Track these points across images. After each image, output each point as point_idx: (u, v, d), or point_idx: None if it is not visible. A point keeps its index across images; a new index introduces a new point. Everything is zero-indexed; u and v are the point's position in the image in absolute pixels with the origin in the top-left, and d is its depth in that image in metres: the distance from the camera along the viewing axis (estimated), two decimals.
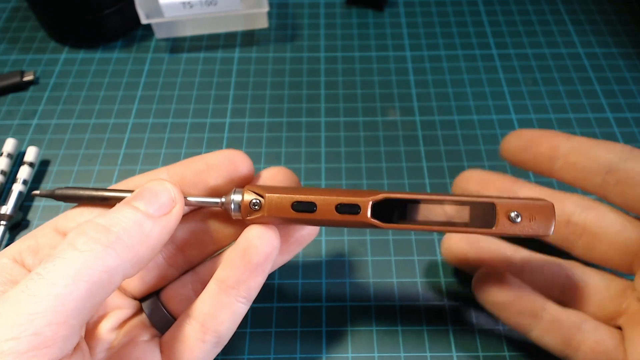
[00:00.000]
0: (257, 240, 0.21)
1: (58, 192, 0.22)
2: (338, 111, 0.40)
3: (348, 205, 0.21)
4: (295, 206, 0.21)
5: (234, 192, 0.22)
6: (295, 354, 0.28)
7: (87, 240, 0.17)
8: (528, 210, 0.21)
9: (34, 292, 0.16)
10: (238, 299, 0.21)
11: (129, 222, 0.19)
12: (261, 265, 0.21)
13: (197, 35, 0.45)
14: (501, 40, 0.45)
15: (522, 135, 0.27)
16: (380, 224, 0.21)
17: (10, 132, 0.39)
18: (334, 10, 0.48)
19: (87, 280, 0.17)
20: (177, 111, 0.40)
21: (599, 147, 0.24)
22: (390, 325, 0.29)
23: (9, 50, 0.44)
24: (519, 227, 0.21)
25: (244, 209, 0.21)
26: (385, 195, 0.21)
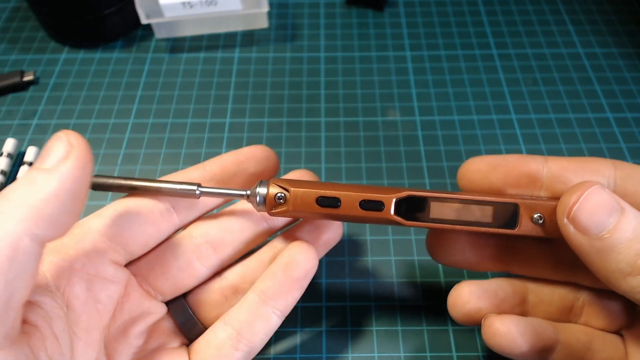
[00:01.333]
0: (300, 256, 0.22)
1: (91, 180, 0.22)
2: (338, 111, 0.40)
3: (372, 201, 0.21)
4: (320, 201, 0.21)
5: (259, 185, 0.22)
6: (295, 354, 0.28)
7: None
8: (551, 212, 0.21)
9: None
10: (275, 311, 0.22)
11: (20, 182, 0.17)
12: (301, 281, 0.22)
13: (197, 35, 0.45)
14: (501, 40, 0.45)
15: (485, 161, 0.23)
16: (403, 221, 0.21)
17: (10, 132, 0.39)
18: (334, 10, 0.48)
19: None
20: (177, 111, 0.40)
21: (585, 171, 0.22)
22: (390, 325, 0.29)
23: (9, 50, 0.44)
24: (541, 229, 0.21)
25: (269, 202, 0.22)
26: (409, 192, 0.21)
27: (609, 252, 0.18)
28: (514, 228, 0.21)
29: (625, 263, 0.18)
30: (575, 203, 0.19)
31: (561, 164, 0.22)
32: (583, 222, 0.19)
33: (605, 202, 0.19)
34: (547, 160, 0.22)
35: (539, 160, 0.22)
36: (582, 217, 0.19)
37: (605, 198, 0.19)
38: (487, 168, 0.23)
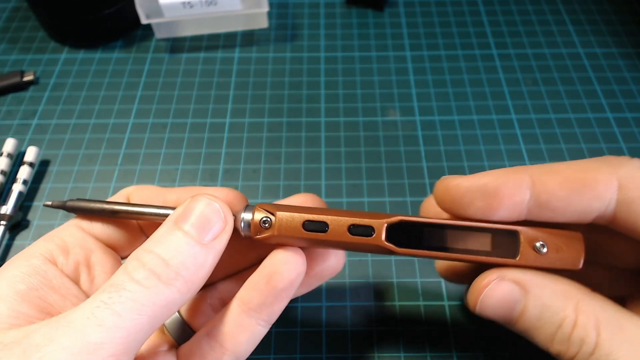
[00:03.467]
0: (283, 266, 0.21)
1: (70, 204, 0.22)
2: (338, 111, 0.40)
3: (361, 226, 0.20)
4: (306, 225, 0.20)
5: (245, 210, 0.21)
6: (295, 354, 0.28)
7: (149, 275, 0.18)
8: (554, 240, 0.19)
9: (101, 321, 0.16)
10: (259, 322, 0.21)
11: (185, 254, 0.18)
12: (285, 291, 0.21)
13: (197, 35, 0.45)
14: (501, 40, 0.45)
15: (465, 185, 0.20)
16: (395, 248, 0.20)
17: (10, 132, 0.39)
18: (334, 10, 0.48)
19: (150, 315, 0.17)
20: (177, 111, 0.40)
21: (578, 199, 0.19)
22: (390, 325, 0.29)
23: (9, 50, 0.44)
24: (544, 259, 0.19)
25: (254, 227, 0.21)
26: (401, 217, 0.20)
27: (526, 332, 0.20)
28: (515, 258, 0.20)
29: (544, 338, 0.19)
30: (478, 296, 0.20)
31: (551, 190, 0.19)
32: (490, 317, 0.20)
33: (507, 296, 0.19)
34: (535, 184, 0.19)
35: (524, 183, 0.19)
36: (489, 310, 0.20)
37: (506, 291, 0.19)
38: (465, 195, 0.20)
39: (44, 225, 0.34)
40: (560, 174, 0.19)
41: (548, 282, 0.19)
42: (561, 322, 0.18)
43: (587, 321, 0.18)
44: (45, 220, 0.34)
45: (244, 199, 0.23)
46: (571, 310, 0.18)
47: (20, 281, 0.19)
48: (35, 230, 0.33)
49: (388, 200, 0.34)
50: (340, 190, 0.35)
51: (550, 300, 0.19)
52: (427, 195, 0.35)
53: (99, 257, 0.22)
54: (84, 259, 0.21)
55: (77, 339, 0.16)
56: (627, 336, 0.18)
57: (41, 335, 0.16)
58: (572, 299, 0.19)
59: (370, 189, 0.35)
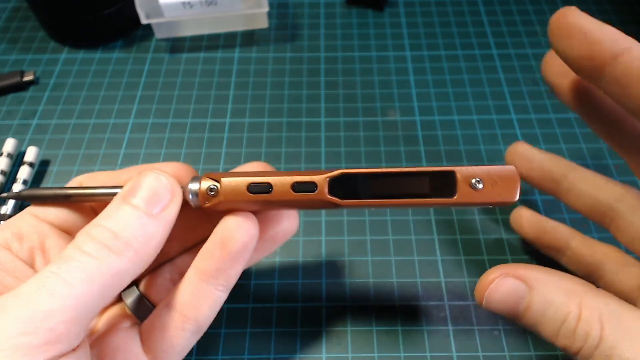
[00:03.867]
0: (235, 231, 0.21)
1: (24, 193, 0.23)
2: (338, 111, 0.40)
3: (304, 183, 0.21)
4: (251, 188, 0.21)
5: (192, 181, 0.21)
6: (295, 354, 0.28)
7: (99, 247, 0.18)
8: (489, 176, 0.20)
9: (51, 290, 0.17)
10: (218, 287, 0.21)
11: (135, 226, 0.19)
12: (240, 254, 0.21)
13: (197, 35, 0.45)
14: (501, 40, 0.45)
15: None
16: (339, 201, 0.20)
17: (10, 132, 0.39)
18: (334, 10, 0.48)
19: (100, 283, 0.18)
20: (177, 111, 0.40)
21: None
22: (390, 325, 0.29)
23: (9, 50, 0.44)
24: (480, 195, 0.20)
25: (202, 196, 0.21)
26: (342, 171, 0.21)
27: (532, 327, 0.20)
28: (453, 196, 0.20)
29: (550, 332, 0.20)
30: (484, 292, 0.21)
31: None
32: (497, 311, 0.21)
33: (511, 292, 0.20)
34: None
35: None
36: (495, 305, 0.21)
37: (511, 287, 0.20)
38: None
39: None
40: None
41: (552, 278, 0.20)
42: (565, 317, 0.19)
43: (591, 316, 0.19)
44: None
45: (193, 171, 0.24)
46: (575, 305, 0.19)
47: None
48: None
49: None
50: None
51: (554, 296, 0.19)
52: None
53: (54, 241, 0.22)
54: (38, 244, 0.22)
55: (28, 308, 0.16)
56: (630, 330, 0.18)
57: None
58: (576, 295, 0.19)
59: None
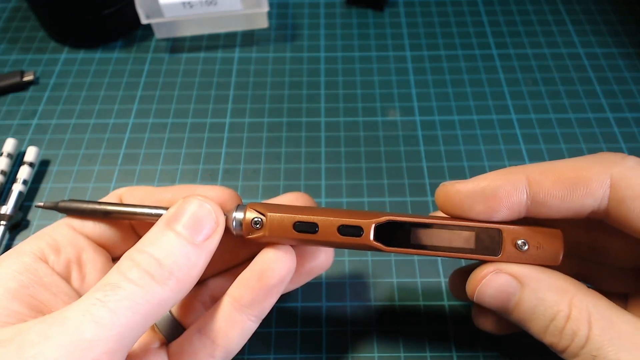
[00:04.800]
0: (274, 264, 0.21)
1: (62, 205, 0.22)
2: (338, 111, 0.40)
3: (350, 226, 0.21)
4: (297, 226, 0.21)
5: (237, 209, 0.21)
6: (295, 354, 0.28)
7: (143, 274, 0.18)
8: (535, 237, 0.20)
9: (97, 318, 0.17)
10: (250, 317, 0.22)
11: (178, 255, 0.19)
12: (276, 287, 0.21)
13: (197, 35, 0.45)
14: (501, 40, 0.45)
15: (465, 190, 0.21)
16: (383, 247, 0.21)
17: (10, 132, 0.39)
18: (334, 10, 0.48)
19: (143, 312, 0.18)
20: (177, 111, 0.40)
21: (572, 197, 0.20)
22: (390, 325, 0.29)
23: (9, 50, 0.44)
24: (525, 256, 0.20)
25: (246, 227, 0.21)
26: (388, 217, 0.21)
27: (521, 322, 0.20)
28: (497, 255, 0.20)
29: (538, 329, 0.20)
30: (476, 286, 0.21)
31: (546, 190, 0.20)
32: (488, 305, 0.21)
33: (503, 288, 0.20)
34: (531, 184, 0.20)
35: (521, 184, 0.20)
36: (486, 299, 0.21)
37: (503, 283, 0.20)
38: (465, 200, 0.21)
39: (44, 225, 0.33)
40: (555, 173, 0.20)
41: (545, 276, 0.20)
42: (555, 315, 0.19)
43: (580, 315, 0.19)
44: (45, 221, 0.34)
45: (237, 197, 0.24)
46: (565, 304, 0.19)
47: (11, 279, 0.19)
48: (35, 230, 0.33)
49: (388, 200, 0.34)
50: (340, 190, 0.35)
51: (545, 294, 0.19)
52: (427, 195, 0.35)
53: (90, 255, 0.22)
54: (75, 257, 0.21)
55: (72, 336, 0.16)
56: (617, 332, 0.18)
57: (35, 332, 0.16)
58: (566, 294, 0.19)
59: (370, 189, 0.35)
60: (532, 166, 0.21)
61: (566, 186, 0.20)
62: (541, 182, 0.20)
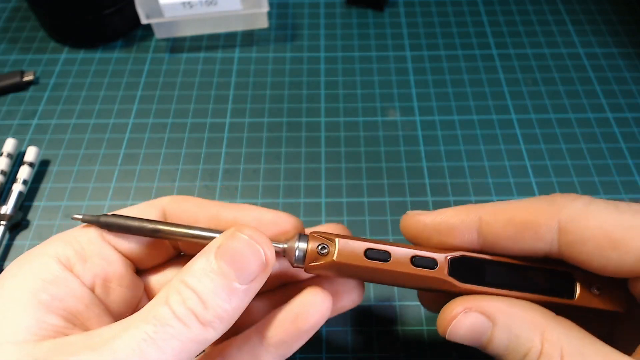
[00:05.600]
0: (311, 308, 0.21)
1: (103, 219, 0.21)
2: (338, 111, 0.40)
3: (424, 258, 0.20)
4: (368, 254, 0.20)
5: (299, 239, 0.20)
6: (295, 354, 0.28)
7: (189, 313, 0.18)
8: (607, 283, 0.20)
9: (146, 355, 0.17)
10: (275, 357, 0.21)
11: (223, 297, 0.18)
12: (310, 332, 0.21)
13: (197, 35, 0.45)
14: (501, 40, 0.45)
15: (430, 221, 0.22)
16: (457, 283, 0.20)
17: (10, 132, 0.39)
18: (334, 10, 0.48)
19: (187, 352, 0.17)
20: (177, 111, 0.40)
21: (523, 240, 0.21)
22: (390, 325, 0.29)
23: (9, 50, 0.44)
24: (597, 300, 0.20)
25: (310, 254, 0.20)
26: (462, 253, 0.20)
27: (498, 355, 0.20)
28: (572, 298, 0.20)
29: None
30: (447, 326, 0.20)
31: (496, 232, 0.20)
32: (460, 342, 0.21)
33: (474, 327, 0.20)
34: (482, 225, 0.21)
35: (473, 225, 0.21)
36: (458, 338, 0.20)
37: (474, 322, 0.20)
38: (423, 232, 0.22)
39: (44, 225, 0.34)
40: (506, 215, 0.20)
41: (515, 310, 0.20)
42: (527, 352, 0.19)
43: (553, 350, 0.19)
44: (45, 221, 0.34)
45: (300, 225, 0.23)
46: (537, 339, 0.19)
47: (42, 290, 0.18)
48: (35, 230, 0.33)
49: (388, 200, 0.34)
50: (340, 190, 0.35)
51: (517, 330, 0.19)
52: (427, 195, 0.35)
53: (117, 269, 0.21)
54: (101, 270, 0.20)
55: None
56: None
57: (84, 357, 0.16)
58: (538, 328, 0.19)
59: (370, 189, 0.35)
60: (487, 206, 0.21)
61: (516, 230, 0.20)
62: (492, 224, 0.21)
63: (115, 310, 0.21)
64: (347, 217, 0.34)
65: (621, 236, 0.18)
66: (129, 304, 0.21)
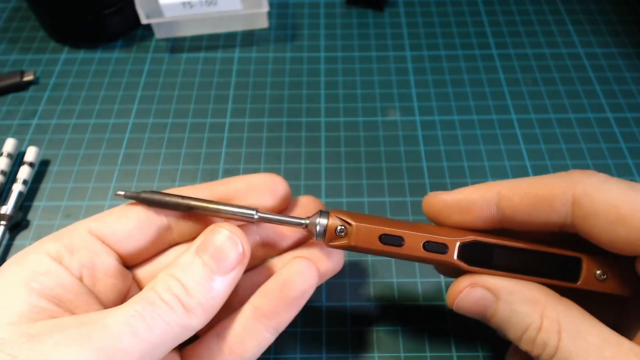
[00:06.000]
0: (297, 277, 0.22)
1: (144, 195, 0.22)
2: (338, 111, 0.40)
3: (436, 243, 0.21)
4: (383, 239, 0.21)
5: (320, 215, 0.22)
6: (295, 354, 0.28)
7: (174, 299, 0.19)
8: (615, 269, 0.21)
9: (135, 330, 0.18)
10: (269, 329, 0.22)
11: (205, 287, 0.20)
12: (297, 300, 0.22)
13: (197, 35, 0.45)
14: (501, 40, 0.45)
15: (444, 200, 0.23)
16: (466, 266, 0.21)
17: (10, 132, 0.39)
18: (334, 10, 0.48)
19: (172, 334, 0.19)
20: (177, 111, 0.40)
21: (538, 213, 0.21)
22: (390, 325, 0.29)
23: (9, 50, 0.44)
24: (602, 284, 0.21)
25: (329, 234, 0.22)
26: (473, 237, 0.21)
27: (498, 330, 0.22)
28: (576, 282, 0.21)
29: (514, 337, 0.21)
30: (455, 299, 0.22)
31: (514, 206, 0.21)
32: (466, 315, 0.22)
33: (479, 301, 0.21)
34: (501, 200, 0.22)
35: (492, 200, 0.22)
36: (464, 310, 0.22)
37: (479, 296, 0.21)
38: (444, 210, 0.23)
39: (44, 225, 0.34)
40: (522, 189, 0.21)
41: (518, 288, 0.21)
42: (527, 326, 0.20)
43: (551, 326, 0.20)
44: (45, 221, 0.34)
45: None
46: (537, 315, 0.20)
47: (33, 280, 0.19)
48: (35, 230, 0.33)
49: (388, 200, 0.34)
50: (340, 190, 0.35)
51: (518, 306, 0.20)
52: None
53: (104, 260, 0.22)
54: (87, 261, 0.21)
55: (111, 342, 0.17)
56: (585, 343, 0.19)
57: (77, 332, 0.17)
58: (539, 305, 0.20)
59: (370, 189, 0.35)
60: (504, 182, 0.22)
61: (532, 203, 0.21)
62: (510, 199, 0.21)
63: (103, 299, 0.21)
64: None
65: (631, 213, 0.19)
66: (117, 294, 0.22)
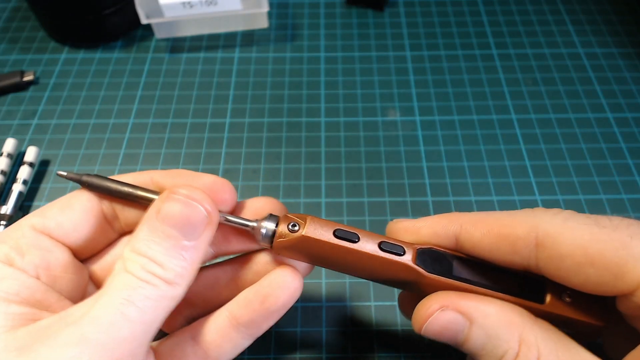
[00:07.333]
0: (280, 291, 0.21)
1: (85, 178, 0.21)
2: (338, 111, 0.40)
3: (392, 244, 0.20)
4: (337, 233, 0.20)
5: (268, 219, 0.21)
6: (295, 354, 0.28)
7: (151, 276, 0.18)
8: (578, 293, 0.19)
9: (128, 317, 0.17)
10: (245, 336, 0.22)
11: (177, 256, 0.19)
12: (278, 312, 0.21)
13: (197, 35, 0.45)
14: (501, 40, 0.45)
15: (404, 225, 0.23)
16: (424, 272, 0.20)
17: (10, 132, 0.39)
18: (334, 10, 0.48)
19: (162, 308, 0.19)
20: (177, 111, 0.40)
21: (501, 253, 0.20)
22: (390, 325, 0.29)
23: (9, 50, 0.44)
24: (568, 308, 0.20)
25: (279, 232, 0.20)
26: (431, 245, 0.21)
27: (473, 354, 0.20)
28: (542, 303, 0.20)
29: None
30: (423, 323, 0.20)
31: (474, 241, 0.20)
32: (435, 339, 0.20)
33: (449, 325, 0.19)
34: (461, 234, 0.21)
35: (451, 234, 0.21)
36: (432, 335, 0.20)
37: (450, 320, 0.19)
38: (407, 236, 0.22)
39: None
40: (485, 226, 0.20)
41: (493, 310, 0.19)
42: (504, 353, 0.19)
43: (529, 352, 0.18)
44: None
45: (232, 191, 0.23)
46: (514, 341, 0.18)
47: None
48: None
49: (388, 200, 0.34)
50: (340, 190, 0.35)
51: (494, 330, 0.19)
52: (427, 195, 0.35)
53: (57, 257, 0.21)
54: (41, 260, 0.20)
55: (110, 334, 0.17)
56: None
57: (68, 333, 0.17)
58: (515, 329, 0.19)
59: (370, 189, 0.35)
60: (469, 215, 0.21)
61: (493, 242, 0.20)
62: (471, 233, 0.20)
63: (67, 297, 0.21)
64: (347, 217, 0.34)
65: (599, 252, 0.18)
66: (77, 289, 0.22)
